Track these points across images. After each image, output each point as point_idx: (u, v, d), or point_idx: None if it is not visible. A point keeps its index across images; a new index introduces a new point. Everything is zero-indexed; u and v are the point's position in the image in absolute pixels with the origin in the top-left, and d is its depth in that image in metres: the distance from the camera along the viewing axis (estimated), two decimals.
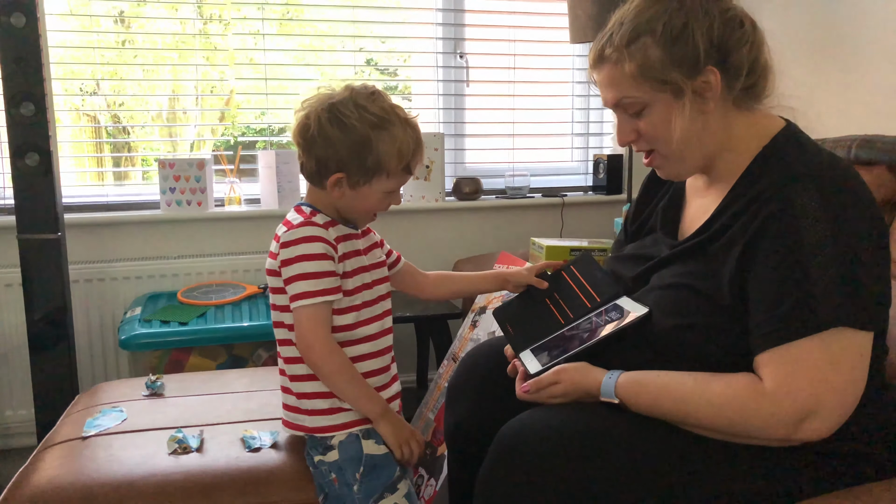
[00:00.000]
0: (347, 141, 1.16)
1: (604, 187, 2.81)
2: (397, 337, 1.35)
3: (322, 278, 1.16)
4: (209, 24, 2.58)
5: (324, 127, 1.16)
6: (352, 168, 1.17)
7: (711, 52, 1.04)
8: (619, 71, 1.08)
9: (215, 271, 2.44)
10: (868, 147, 1.52)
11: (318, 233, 1.17)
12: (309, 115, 1.18)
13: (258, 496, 1.19)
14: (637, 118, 1.10)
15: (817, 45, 2.25)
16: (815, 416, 0.95)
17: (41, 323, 2.04)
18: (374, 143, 1.16)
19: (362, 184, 1.19)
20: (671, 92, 1.06)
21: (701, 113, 1.07)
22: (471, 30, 2.74)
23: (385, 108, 1.18)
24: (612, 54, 1.08)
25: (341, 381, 1.19)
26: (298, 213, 1.22)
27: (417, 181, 2.59)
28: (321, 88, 1.20)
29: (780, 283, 0.97)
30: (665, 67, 1.05)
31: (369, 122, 1.16)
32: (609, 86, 1.11)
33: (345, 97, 1.17)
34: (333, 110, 1.16)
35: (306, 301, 1.16)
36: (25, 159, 1.94)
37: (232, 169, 2.50)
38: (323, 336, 1.17)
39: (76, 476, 1.20)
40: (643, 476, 1.01)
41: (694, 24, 1.04)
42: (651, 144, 1.12)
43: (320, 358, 1.17)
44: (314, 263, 1.16)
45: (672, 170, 1.16)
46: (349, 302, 1.21)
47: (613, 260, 1.33)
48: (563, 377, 1.11)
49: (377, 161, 1.17)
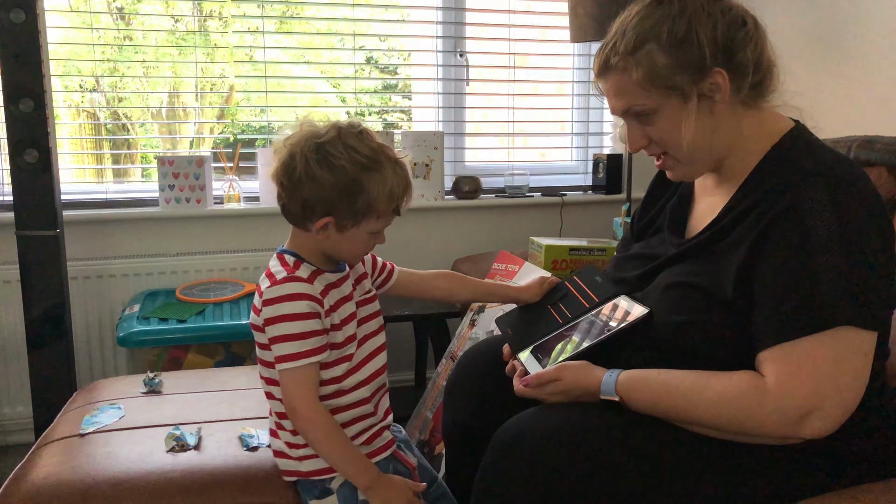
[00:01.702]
0: (337, 183, 1.09)
1: (603, 187, 2.81)
2: (396, 335, 1.34)
3: (307, 339, 1.10)
4: (209, 21, 2.58)
5: (311, 168, 1.08)
6: (341, 211, 1.10)
7: (717, 54, 1.04)
8: (625, 79, 1.08)
9: (214, 269, 2.44)
10: (868, 148, 1.52)
11: (302, 289, 1.10)
12: (294, 154, 1.09)
13: (256, 495, 1.18)
14: (647, 125, 1.10)
15: (817, 46, 2.25)
16: (816, 415, 0.95)
17: (39, 320, 2.04)
18: (365, 184, 1.09)
19: (350, 226, 1.12)
20: (679, 96, 1.06)
21: (710, 115, 1.07)
22: (471, 28, 2.74)
23: (374, 148, 1.11)
24: (618, 63, 1.08)
25: (327, 447, 1.13)
26: (282, 264, 1.15)
27: (417, 179, 2.59)
28: (304, 125, 1.12)
29: (785, 281, 0.98)
30: (672, 73, 1.05)
31: (359, 163, 1.09)
32: (616, 94, 1.10)
33: (332, 136, 1.10)
34: (322, 151, 1.09)
35: (291, 364, 1.10)
36: (24, 156, 1.94)
37: (231, 166, 2.50)
38: (308, 400, 1.11)
39: (73, 473, 1.19)
40: (641, 475, 1.00)
41: (697, 26, 1.04)
42: (663, 149, 1.13)
43: (306, 423, 1.12)
44: (298, 324, 1.09)
45: (684, 172, 1.16)
46: (339, 354, 1.15)
47: (619, 259, 1.33)
48: (564, 375, 1.11)
49: (367, 203, 1.10)
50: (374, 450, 1.21)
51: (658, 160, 1.16)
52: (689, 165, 1.13)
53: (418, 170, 2.60)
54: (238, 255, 2.46)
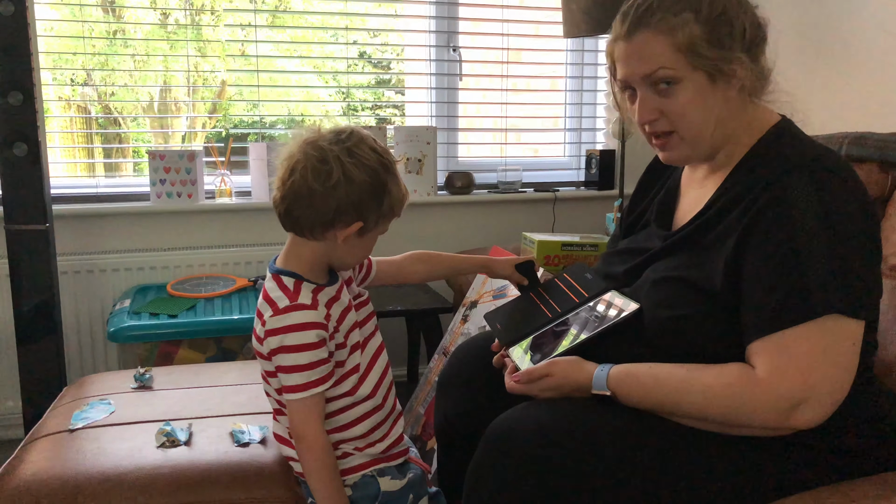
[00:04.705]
0: (372, 185, 1.08)
1: (596, 182, 2.81)
2: (388, 331, 1.34)
3: (315, 368, 1.09)
4: (201, 15, 2.56)
5: (349, 170, 1.06)
6: (370, 213, 1.10)
7: (744, 41, 1.06)
8: (660, 40, 1.05)
9: (205, 264, 2.43)
10: (859, 144, 1.52)
11: (308, 318, 1.08)
12: (326, 158, 1.06)
13: (246, 491, 1.18)
14: (664, 96, 1.08)
15: (809, 43, 2.25)
16: (807, 405, 0.95)
17: (29, 314, 2.03)
18: (389, 186, 1.10)
19: (371, 230, 1.12)
20: (705, 73, 1.05)
21: (725, 100, 1.08)
22: (464, 23, 2.73)
23: (386, 150, 1.12)
24: (658, 22, 1.05)
25: (319, 478, 1.13)
26: (281, 288, 1.11)
27: (409, 175, 2.59)
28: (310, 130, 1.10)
29: (773, 272, 0.98)
30: (706, 46, 1.04)
31: (384, 164, 1.10)
32: (644, 56, 1.07)
33: (357, 139, 1.09)
34: (353, 153, 1.07)
35: (299, 395, 1.10)
36: (13, 149, 1.92)
37: (223, 161, 2.49)
38: (315, 430, 1.11)
39: (63, 469, 1.19)
40: (633, 470, 1.01)
41: (731, 11, 1.06)
42: (674, 125, 1.10)
43: (309, 451, 1.12)
44: (307, 354, 1.08)
45: (685, 154, 1.13)
46: (345, 369, 1.15)
47: (607, 255, 1.33)
48: (555, 370, 1.11)
49: (390, 205, 1.12)
50: (393, 441, 1.23)
51: (656, 139, 1.13)
52: (692, 147, 1.11)
53: (411, 165, 2.59)
54: (230, 250, 2.45)
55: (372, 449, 1.20)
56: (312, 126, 1.12)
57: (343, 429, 1.17)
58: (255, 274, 2.43)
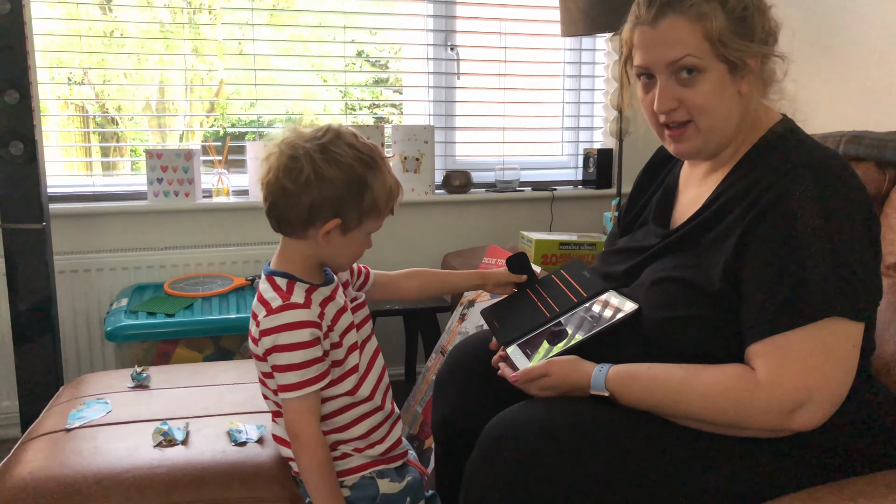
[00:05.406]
0: (347, 181, 1.08)
1: (593, 181, 2.81)
2: (385, 330, 1.34)
3: (310, 367, 1.09)
4: (198, 13, 2.56)
5: (320, 167, 1.06)
6: (349, 211, 1.09)
7: (762, 37, 1.07)
8: (692, 27, 1.05)
9: (203, 263, 2.42)
10: (856, 143, 1.52)
11: (301, 317, 1.09)
12: (297, 156, 1.07)
13: (243, 490, 1.18)
14: (686, 86, 1.07)
15: (807, 42, 2.25)
16: (806, 406, 0.95)
17: (26, 314, 2.02)
18: (370, 182, 1.09)
19: (354, 227, 1.11)
20: (727, 64, 1.06)
21: (739, 95, 1.08)
22: (462, 22, 2.73)
23: (370, 146, 1.11)
24: (687, 7, 1.05)
25: (315, 477, 1.12)
26: (274, 289, 1.12)
27: (407, 174, 2.58)
28: (290, 129, 1.11)
29: (774, 273, 0.98)
30: (732, 38, 1.05)
31: (363, 161, 1.09)
32: (672, 41, 1.06)
33: (333, 136, 1.09)
34: (327, 150, 1.07)
35: (294, 394, 1.10)
36: (9, 148, 1.92)
37: (220, 160, 2.48)
38: (310, 428, 1.11)
39: (59, 468, 1.18)
40: (630, 470, 1.01)
41: (753, 8, 1.07)
42: (692, 115, 1.09)
43: (305, 449, 1.11)
44: (301, 353, 1.08)
45: (698, 146, 1.12)
46: (343, 369, 1.15)
47: (605, 254, 1.33)
48: (553, 370, 1.11)
49: (372, 201, 1.10)
50: (392, 443, 1.23)
51: (670, 130, 1.12)
52: (705, 139, 1.10)
53: (408, 164, 2.59)
54: (227, 249, 2.45)
55: (371, 450, 1.20)
56: (293, 125, 1.12)
57: (343, 429, 1.17)
58: (253, 273, 2.42)
